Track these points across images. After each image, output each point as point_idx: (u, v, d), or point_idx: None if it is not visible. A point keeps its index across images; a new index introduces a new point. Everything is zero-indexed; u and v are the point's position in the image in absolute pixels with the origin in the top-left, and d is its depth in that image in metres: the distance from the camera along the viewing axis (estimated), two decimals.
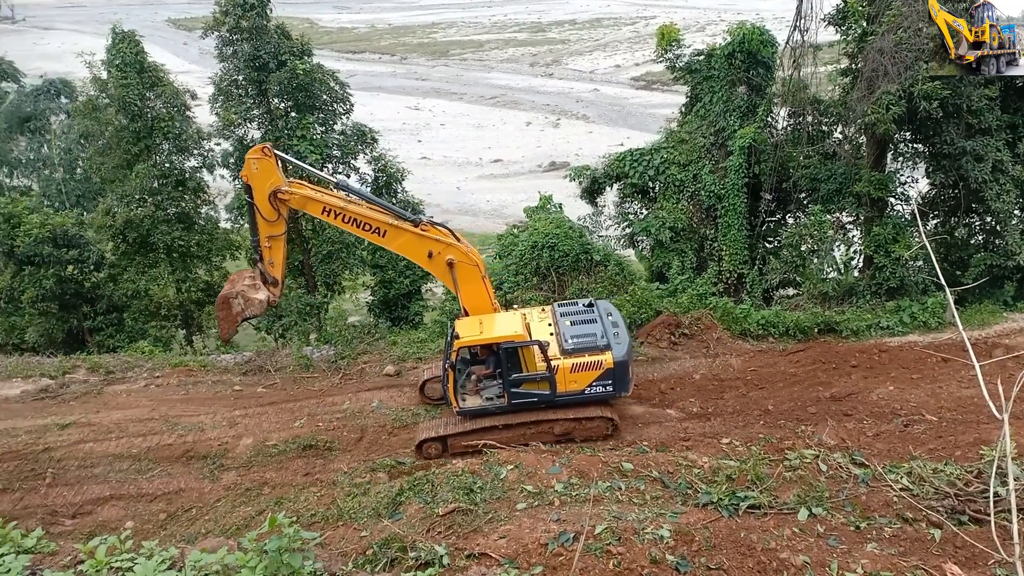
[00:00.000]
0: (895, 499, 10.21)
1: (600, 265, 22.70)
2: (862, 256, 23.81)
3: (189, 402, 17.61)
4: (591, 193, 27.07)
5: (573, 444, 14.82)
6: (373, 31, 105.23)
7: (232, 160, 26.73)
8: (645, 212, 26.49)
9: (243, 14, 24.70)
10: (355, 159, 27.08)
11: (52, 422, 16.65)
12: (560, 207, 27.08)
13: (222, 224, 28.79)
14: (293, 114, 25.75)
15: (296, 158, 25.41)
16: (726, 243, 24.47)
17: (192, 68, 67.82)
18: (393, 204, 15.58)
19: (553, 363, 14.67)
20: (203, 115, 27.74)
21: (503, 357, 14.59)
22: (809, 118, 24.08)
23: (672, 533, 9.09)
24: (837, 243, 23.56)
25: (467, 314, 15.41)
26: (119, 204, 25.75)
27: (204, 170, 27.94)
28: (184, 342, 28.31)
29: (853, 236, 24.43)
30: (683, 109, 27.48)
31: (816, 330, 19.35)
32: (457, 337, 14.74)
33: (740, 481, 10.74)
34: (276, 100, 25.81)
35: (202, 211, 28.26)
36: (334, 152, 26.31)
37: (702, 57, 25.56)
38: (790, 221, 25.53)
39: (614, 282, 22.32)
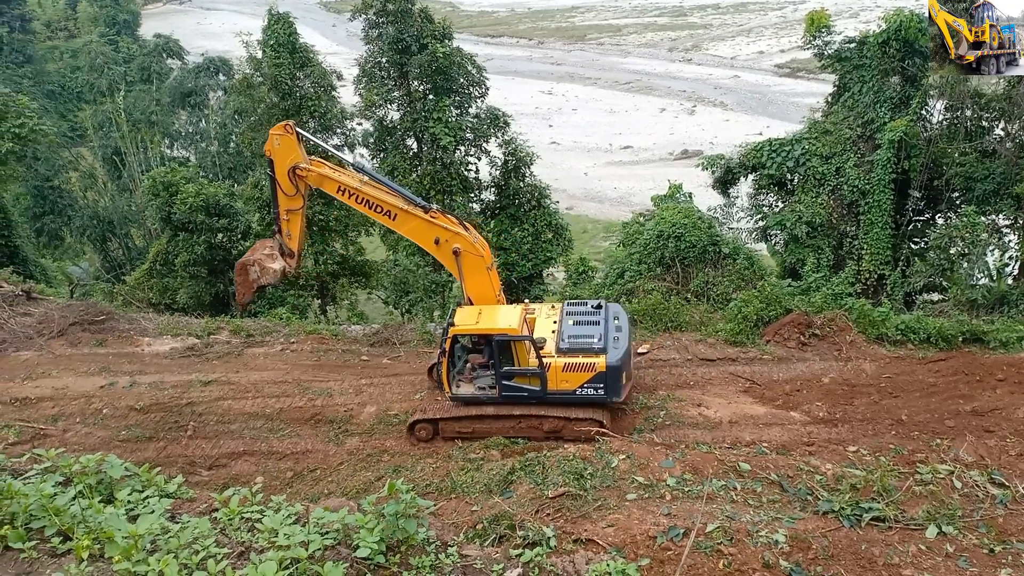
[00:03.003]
0: None
1: (728, 258, 22.11)
2: (1018, 263, 22.06)
3: (320, 368, 18.49)
4: (724, 183, 26.37)
5: (686, 441, 14.57)
6: (512, 15, 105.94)
7: (372, 140, 27.74)
8: (781, 205, 25.59)
9: None
10: (487, 142, 27.49)
11: (196, 379, 17.92)
12: (690, 197, 26.56)
13: None
14: (431, 97, 26.40)
15: (430, 140, 26.21)
16: (868, 241, 23.29)
17: (339, 50, 70.58)
18: (406, 190, 15.76)
19: (546, 361, 14.56)
20: (347, 96, 28.88)
21: (496, 349, 14.58)
22: (968, 112, 22.51)
23: (788, 539, 8.82)
24: (991, 247, 21.94)
25: (471, 303, 15.44)
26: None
27: (345, 148, 29.13)
28: (319, 311, 29.74)
29: (1009, 241, 22.68)
30: (829, 99, 26.34)
31: (960, 339, 18.08)
32: (452, 324, 14.88)
33: (865, 491, 10.27)
34: (416, 83, 26.55)
35: None
36: (467, 135, 26.79)
37: (854, 44, 24.38)
38: (940, 221, 24.03)
39: (742, 276, 21.69)
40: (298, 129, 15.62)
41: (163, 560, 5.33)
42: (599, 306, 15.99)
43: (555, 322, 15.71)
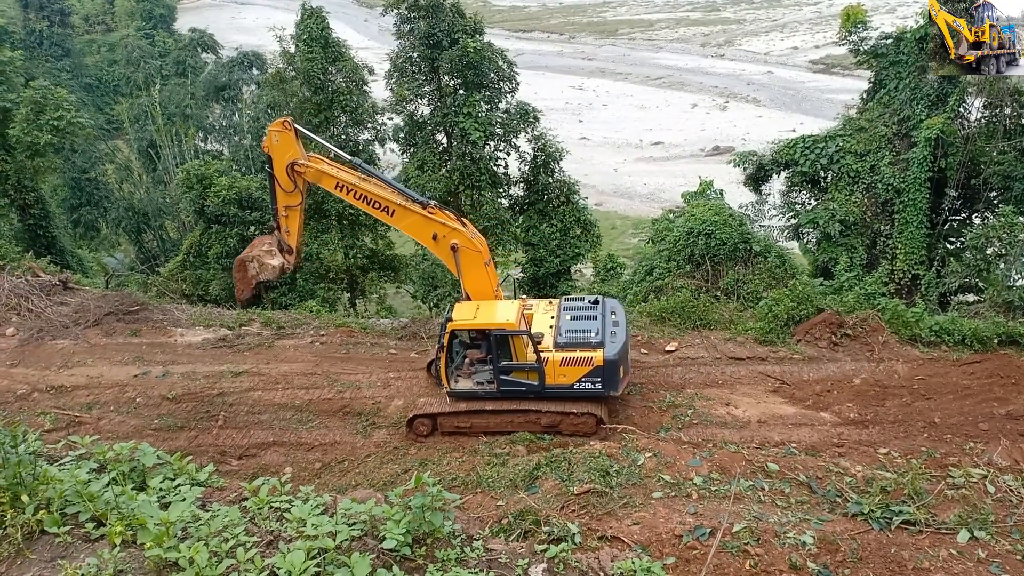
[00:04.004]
0: None
1: (759, 256, 21.90)
2: None
3: (349, 361, 18.63)
4: (756, 180, 26.11)
5: (714, 440, 14.48)
6: (544, 10, 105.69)
7: (402, 135, 27.83)
8: (813, 203, 25.28)
9: None
10: (516, 137, 27.45)
11: (227, 369, 18.16)
12: (721, 193, 26.34)
13: None
14: (461, 92, 26.42)
15: (460, 135, 26.23)
16: (902, 241, 22.92)
17: (371, 44, 70.88)
18: (403, 186, 15.81)
19: (543, 355, 14.59)
20: (378, 90, 29.01)
21: (493, 344, 14.63)
22: (1007, 110, 22.07)
23: (816, 540, 8.75)
24: None
25: (469, 299, 15.48)
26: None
27: (376, 143, 29.26)
28: (348, 304, 29.95)
29: None
30: (864, 95, 25.95)
31: (996, 341, 17.74)
32: (450, 319, 14.91)
33: (895, 494, 10.14)
34: (446, 78, 26.57)
35: None
36: (497, 130, 26.78)
37: (890, 40, 23.97)
38: (976, 221, 23.55)
39: (773, 275, 21.47)
40: (296, 125, 15.76)
41: (194, 547, 5.41)
42: (596, 301, 16.07)
43: (552, 317, 15.77)
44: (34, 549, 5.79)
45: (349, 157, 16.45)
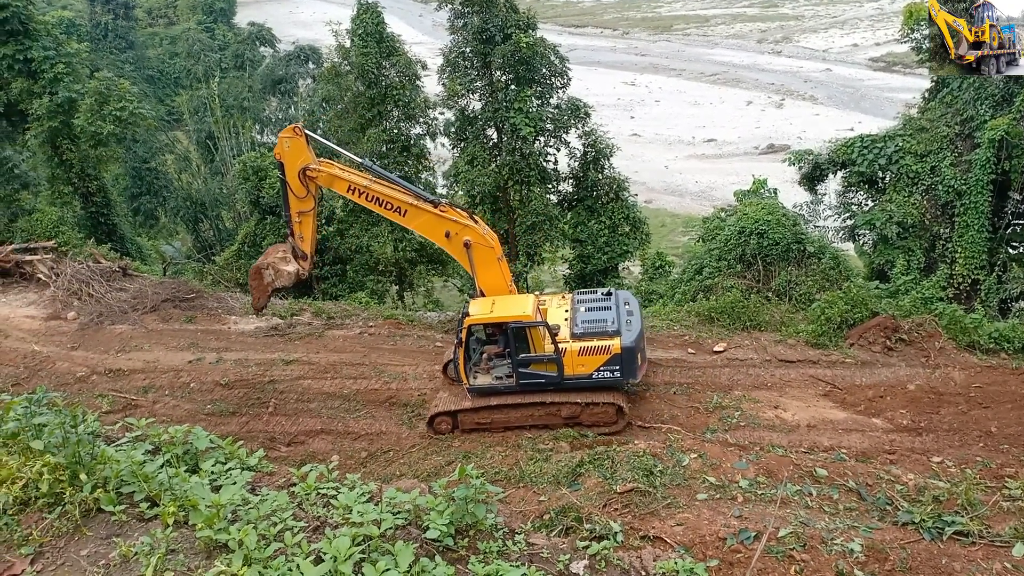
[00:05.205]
0: None
1: (813, 257, 21.48)
2: None
3: (396, 352, 18.85)
4: (811, 180, 25.60)
5: (761, 443, 14.27)
6: (598, 4, 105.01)
7: (453, 130, 27.96)
8: (870, 204, 24.68)
9: None
10: (566, 133, 27.36)
11: (278, 357, 18.52)
12: (775, 192, 25.89)
13: (439, 190, 30.30)
14: (512, 87, 26.42)
15: (510, 130, 26.24)
16: (962, 244, 22.26)
17: (424, 39, 71.35)
18: (415, 186, 15.77)
19: (561, 346, 14.63)
20: (430, 85, 29.20)
21: (511, 337, 14.67)
22: None
23: (864, 548, 8.58)
24: None
25: (483, 295, 15.53)
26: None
27: (427, 138, 29.46)
28: (396, 297, 30.25)
29: None
30: (926, 94, 25.23)
31: None
32: (467, 315, 14.98)
33: (948, 504, 9.89)
34: (498, 72, 26.58)
35: (422, 176, 29.86)
36: (547, 125, 26.71)
37: None
38: None
39: (827, 276, 21.04)
40: (307, 131, 15.94)
41: (243, 530, 5.54)
42: (609, 293, 16.24)
43: (567, 310, 15.88)
44: (90, 526, 6.00)
45: (359, 160, 16.64)
